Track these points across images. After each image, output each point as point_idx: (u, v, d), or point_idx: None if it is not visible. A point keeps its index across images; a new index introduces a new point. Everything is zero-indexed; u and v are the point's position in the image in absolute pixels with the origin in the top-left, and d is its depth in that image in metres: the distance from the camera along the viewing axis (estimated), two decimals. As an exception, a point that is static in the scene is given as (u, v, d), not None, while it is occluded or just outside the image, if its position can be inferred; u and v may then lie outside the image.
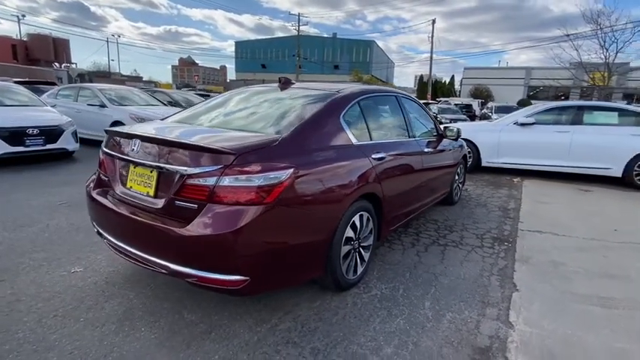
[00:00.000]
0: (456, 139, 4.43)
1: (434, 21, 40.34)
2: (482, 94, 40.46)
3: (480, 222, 4.28)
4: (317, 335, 2.09)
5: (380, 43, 63.66)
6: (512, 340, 2.12)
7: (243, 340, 2.02)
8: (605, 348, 2.08)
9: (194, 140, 2.01)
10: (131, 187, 2.18)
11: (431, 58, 41.49)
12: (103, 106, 8.07)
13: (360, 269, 2.64)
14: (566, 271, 3.06)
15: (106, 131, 2.48)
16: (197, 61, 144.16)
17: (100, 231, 2.36)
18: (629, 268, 3.15)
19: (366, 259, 2.71)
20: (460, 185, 5.07)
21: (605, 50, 21.49)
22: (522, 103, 26.55)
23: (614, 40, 21.15)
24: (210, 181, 1.84)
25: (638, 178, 6.18)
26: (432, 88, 41.78)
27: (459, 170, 4.80)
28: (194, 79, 37.51)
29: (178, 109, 9.60)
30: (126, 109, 7.97)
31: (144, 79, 60.01)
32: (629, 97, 27.24)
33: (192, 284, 1.94)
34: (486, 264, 3.15)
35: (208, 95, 15.23)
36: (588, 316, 2.40)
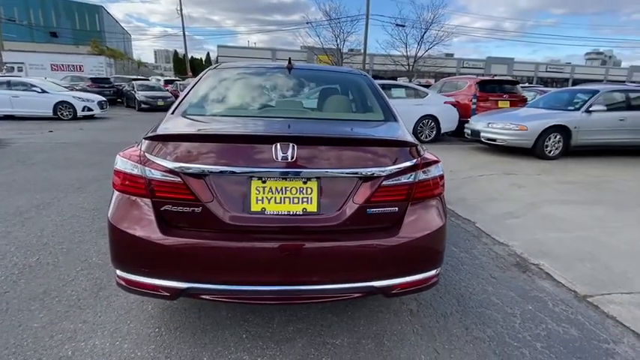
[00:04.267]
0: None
1: (180, -7, 38.46)
2: (238, 72, 42.71)
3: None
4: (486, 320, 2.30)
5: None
6: (521, 252, 3.03)
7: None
8: (557, 238, 3.31)
9: (374, 134, 1.69)
10: (264, 209, 1.57)
11: (184, 33, 39.99)
12: None
13: None
14: (472, 203, 4.34)
15: (163, 136, 1.57)
16: None
17: (200, 287, 1.56)
18: (490, 192, 4.79)
19: None
20: None
21: (336, 38, 27.20)
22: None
23: (342, 31, 27.07)
24: (409, 177, 1.67)
25: (420, 134, 8.83)
26: (189, 65, 40.58)
27: None
28: None
29: None
30: None
31: None
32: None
33: (389, 295, 1.73)
34: (434, 211, 4.02)
35: None
36: (525, 225, 3.63)
